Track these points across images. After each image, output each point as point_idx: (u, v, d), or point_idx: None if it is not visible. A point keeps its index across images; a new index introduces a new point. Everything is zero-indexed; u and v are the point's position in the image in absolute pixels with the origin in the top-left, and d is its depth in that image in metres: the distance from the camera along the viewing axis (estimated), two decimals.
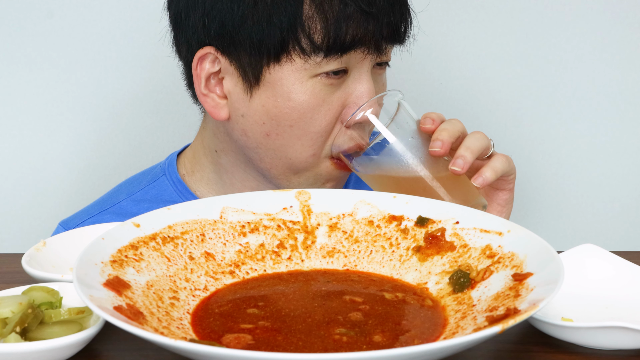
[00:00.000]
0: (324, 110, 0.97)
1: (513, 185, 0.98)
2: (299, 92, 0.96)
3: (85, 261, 0.70)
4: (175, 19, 1.02)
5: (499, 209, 0.98)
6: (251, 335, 0.68)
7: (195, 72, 1.00)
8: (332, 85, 0.97)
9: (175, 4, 1.01)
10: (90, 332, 0.67)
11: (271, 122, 0.98)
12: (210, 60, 0.99)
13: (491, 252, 0.77)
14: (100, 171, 1.61)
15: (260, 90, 0.97)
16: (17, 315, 0.69)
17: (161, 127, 1.60)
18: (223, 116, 1.01)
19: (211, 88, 1.00)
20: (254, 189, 1.08)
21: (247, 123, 0.99)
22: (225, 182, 1.09)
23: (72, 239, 0.89)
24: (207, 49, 0.98)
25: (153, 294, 0.72)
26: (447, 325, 0.70)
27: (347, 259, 0.83)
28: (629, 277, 0.81)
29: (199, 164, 1.11)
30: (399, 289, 0.78)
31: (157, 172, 1.13)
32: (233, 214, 0.84)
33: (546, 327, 0.71)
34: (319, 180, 1.02)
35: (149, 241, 0.77)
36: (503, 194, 0.98)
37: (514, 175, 0.97)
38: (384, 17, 0.96)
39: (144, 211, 1.09)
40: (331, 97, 0.97)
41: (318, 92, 0.96)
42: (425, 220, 0.83)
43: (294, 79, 0.96)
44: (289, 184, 1.02)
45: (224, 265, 0.80)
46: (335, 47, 0.94)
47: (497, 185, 0.97)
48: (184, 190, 1.09)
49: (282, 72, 0.96)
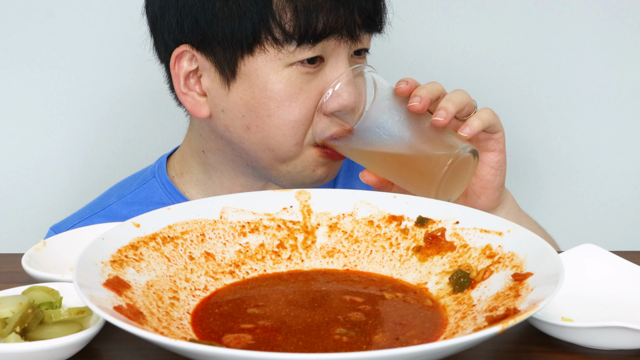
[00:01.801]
0: (301, 99, 0.97)
1: (504, 146, 0.96)
2: (274, 81, 0.96)
3: (85, 261, 0.70)
4: (152, 21, 1.03)
5: (493, 172, 0.96)
6: (251, 335, 0.68)
7: (174, 71, 1.01)
8: (308, 73, 0.97)
9: (151, 6, 1.03)
10: (90, 332, 0.67)
11: (250, 114, 0.98)
12: (187, 58, 1.00)
13: (491, 252, 0.77)
14: (100, 171, 1.61)
15: (237, 83, 0.98)
16: (17, 315, 0.69)
17: (161, 127, 1.60)
18: (204, 114, 1.01)
19: (190, 87, 1.01)
20: (244, 185, 1.08)
21: (228, 118, 1.00)
22: (215, 182, 1.09)
23: (72, 239, 0.89)
24: (183, 47, 0.99)
25: (153, 294, 0.72)
26: (447, 325, 0.70)
27: (347, 259, 0.83)
28: (629, 277, 0.81)
29: (188, 165, 1.11)
30: (399, 289, 0.78)
31: (147, 175, 1.14)
32: (233, 214, 0.84)
33: (546, 327, 0.71)
34: (308, 167, 1.01)
35: (149, 241, 0.77)
36: (494, 155, 0.96)
37: (502, 134, 0.95)
38: (354, 4, 0.96)
39: (134, 214, 1.10)
40: (308, 86, 0.97)
41: (294, 81, 0.96)
42: (425, 220, 0.83)
43: (268, 69, 0.96)
44: (278, 173, 1.02)
45: (224, 265, 0.80)
46: (307, 35, 0.95)
47: (487, 147, 0.96)
48: (174, 192, 1.10)
49: (257, 63, 0.96)
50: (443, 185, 0.90)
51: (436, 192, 0.90)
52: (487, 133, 0.95)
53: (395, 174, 0.94)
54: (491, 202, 0.97)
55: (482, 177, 0.96)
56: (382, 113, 0.93)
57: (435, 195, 0.90)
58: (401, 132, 0.92)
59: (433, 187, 0.90)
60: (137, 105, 1.59)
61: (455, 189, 0.93)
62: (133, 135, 1.61)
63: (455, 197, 0.93)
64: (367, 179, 0.95)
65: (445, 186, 0.90)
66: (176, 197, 1.10)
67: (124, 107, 1.60)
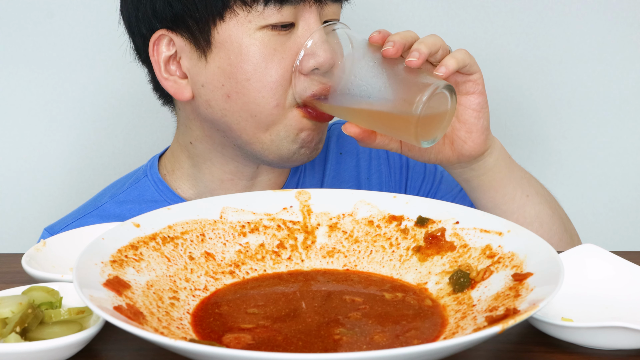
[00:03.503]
0: (277, 59, 0.98)
1: (483, 88, 0.97)
2: (248, 44, 0.98)
3: (85, 261, 0.70)
4: (129, 20, 1.06)
5: (475, 114, 0.97)
6: (251, 335, 0.68)
7: (154, 59, 1.03)
8: (280, 35, 0.99)
9: (125, 9, 1.06)
10: (90, 332, 0.67)
11: (229, 81, 0.99)
12: (165, 43, 1.02)
13: (491, 252, 0.77)
14: (100, 171, 1.61)
15: (213, 53, 1.00)
16: (17, 315, 0.69)
17: (161, 128, 1.60)
18: (187, 95, 1.03)
19: (171, 72, 1.03)
20: (234, 172, 1.09)
21: (208, 91, 1.01)
22: (205, 173, 1.10)
23: (72, 239, 0.89)
24: (159, 32, 1.01)
25: (153, 294, 0.72)
26: (447, 325, 0.70)
27: (347, 259, 0.83)
28: (629, 277, 0.81)
29: (178, 162, 1.13)
30: (399, 289, 0.78)
31: (140, 174, 1.16)
32: (233, 214, 0.84)
33: (546, 327, 0.71)
34: (292, 131, 1.01)
35: (149, 241, 0.77)
36: (474, 97, 0.96)
37: (479, 75, 0.96)
38: None
39: (127, 212, 1.11)
40: (283, 47, 0.99)
41: (267, 42, 0.98)
42: (425, 220, 0.83)
43: (241, 33, 0.98)
44: (262, 146, 1.02)
45: (224, 265, 0.80)
46: None
47: (466, 90, 0.96)
48: (165, 189, 1.11)
49: (229, 29, 0.98)
50: (422, 125, 0.88)
51: (416, 133, 0.89)
52: (464, 75, 0.95)
53: (377, 122, 0.94)
54: (478, 146, 0.97)
55: (465, 121, 0.97)
56: (357, 62, 0.94)
57: (416, 137, 0.89)
58: (377, 78, 0.92)
59: (412, 127, 0.88)
60: (136, 106, 1.60)
61: (437, 129, 0.91)
62: (133, 135, 1.61)
63: (439, 137, 0.92)
64: (350, 130, 0.95)
65: (425, 126, 0.89)
66: (167, 194, 1.11)
67: (123, 108, 1.60)
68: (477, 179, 1.02)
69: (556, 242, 1.04)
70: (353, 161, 1.20)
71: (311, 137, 1.02)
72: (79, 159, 1.61)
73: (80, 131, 1.60)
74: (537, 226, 1.03)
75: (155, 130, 1.60)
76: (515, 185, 1.03)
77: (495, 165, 1.01)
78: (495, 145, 1.01)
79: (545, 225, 1.04)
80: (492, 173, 1.01)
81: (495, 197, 1.02)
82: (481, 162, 1.00)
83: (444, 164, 1.01)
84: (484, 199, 1.03)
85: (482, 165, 1.00)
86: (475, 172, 1.01)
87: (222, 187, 1.10)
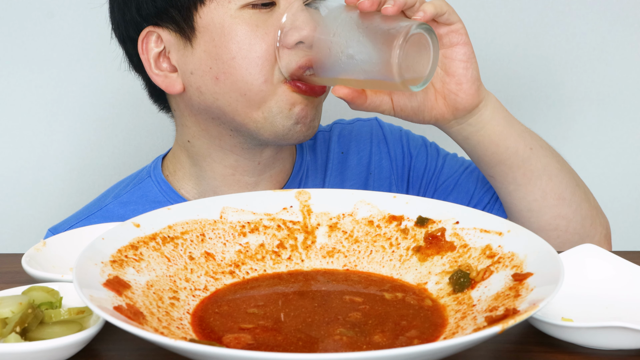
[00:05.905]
0: (260, 35, 0.99)
1: (467, 37, 0.97)
2: (231, 23, 0.99)
3: (85, 261, 0.70)
4: (119, 30, 1.08)
5: (462, 65, 0.97)
6: (251, 335, 0.68)
7: (144, 56, 1.05)
8: (262, 13, 1.00)
9: (113, 17, 1.09)
10: (90, 332, 0.67)
11: (216, 63, 1.00)
12: (153, 40, 1.04)
13: (491, 252, 0.77)
14: (100, 171, 1.61)
15: (197, 38, 1.01)
16: (17, 315, 0.69)
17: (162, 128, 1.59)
18: (178, 88, 1.04)
19: (162, 68, 1.05)
20: (235, 167, 1.09)
21: (198, 77, 1.02)
22: (207, 171, 1.10)
23: (72, 239, 0.89)
24: (146, 29, 1.03)
25: (153, 294, 0.72)
26: (447, 325, 0.70)
27: (347, 259, 0.83)
28: (629, 277, 0.81)
29: (179, 162, 1.13)
30: (399, 289, 0.78)
31: (143, 175, 1.16)
32: (233, 214, 0.84)
33: (546, 327, 0.71)
34: (284, 107, 1.01)
35: (149, 241, 0.77)
36: (459, 48, 0.96)
37: (461, 25, 0.96)
38: None
39: (130, 213, 1.11)
40: (265, 23, 1.00)
41: (249, 19, 0.99)
42: (425, 220, 0.83)
43: (223, 14, 0.99)
44: (256, 124, 1.02)
45: (224, 265, 0.80)
46: None
47: (450, 42, 0.96)
48: (168, 189, 1.12)
49: (210, 11, 1.00)
50: (406, 68, 0.88)
51: (401, 76, 0.88)
52: (445, 26, 0.95)
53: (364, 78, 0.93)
54: (470, 97, 0.97)
55: (454, 73, 0.97)
56: (336, 26, 0.94)
57: (403, 85, 0.88)
58: (356, 35, 0.92)
59: (395, 74, 0.87)
60: (137, 106, 1.59)
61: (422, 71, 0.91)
62: (133, 136, 1.61)
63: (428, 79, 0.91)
64: (339, 92, 0.95)
65: (409, 69, 0.89)
66: (171, 195, 1.11)
67: (123, 108, 1.60)
68: (476, 135, 1.00)
69: (569, 195, 1.03)
70: (355, 160, 1.20)
71: (305, 112, 1.02)
72: (79, 159, 1.61)
73: (80, 131, 1.60)
74: (546, 179, 1.02)
75: (155, 130, 1.60)
76: (517, 138, 1.01)
77: (492, 119, 1.00)
78: (490, 98, 1.01)
79: (555, 178, 1.03)
80: (491, 126, 1.00)
81: (498, 152, 1.01)
82: (477, 115, 0.99)
83: (440, 121, 1.00)
84: (487, 156, 1.02)
85: (479, 119, 0.99)
86: (473, 127, 1.00)
87: (225, 184, 1.10)
